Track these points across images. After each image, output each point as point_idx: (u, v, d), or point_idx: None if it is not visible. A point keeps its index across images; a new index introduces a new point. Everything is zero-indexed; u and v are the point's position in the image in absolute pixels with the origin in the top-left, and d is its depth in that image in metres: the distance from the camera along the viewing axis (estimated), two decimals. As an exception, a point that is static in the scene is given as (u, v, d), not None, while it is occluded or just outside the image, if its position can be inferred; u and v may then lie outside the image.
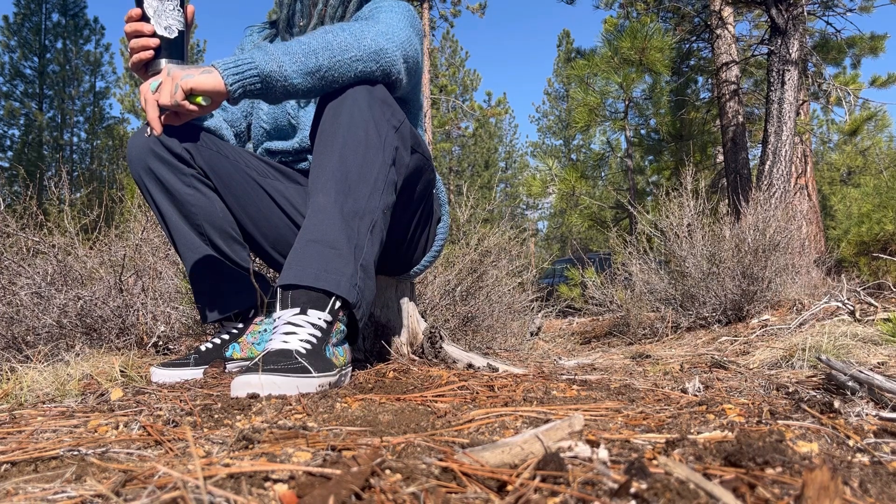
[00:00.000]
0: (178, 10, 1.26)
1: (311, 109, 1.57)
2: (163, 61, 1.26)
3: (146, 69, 1.26)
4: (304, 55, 1.16)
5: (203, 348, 1.48)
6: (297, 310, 1.11)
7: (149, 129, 1.21)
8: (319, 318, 1.12)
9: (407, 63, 1.30)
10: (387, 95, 1.25)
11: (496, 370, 1.53)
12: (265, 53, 1.15)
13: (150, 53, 1.24)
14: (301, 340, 1.08)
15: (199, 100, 1.13)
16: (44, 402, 1.05)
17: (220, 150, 1.51)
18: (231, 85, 1.12)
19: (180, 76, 1.11)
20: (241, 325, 1.55)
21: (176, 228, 1.47)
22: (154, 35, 1.24)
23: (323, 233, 1.14)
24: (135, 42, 1.22)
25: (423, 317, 1.83)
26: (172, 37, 1.26)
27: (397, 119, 1.25)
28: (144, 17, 1.24)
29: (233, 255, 1.52)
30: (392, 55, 1.25)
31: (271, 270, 2.19)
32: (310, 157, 1.57)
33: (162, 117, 1.17)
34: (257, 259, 1.84)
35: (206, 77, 1.11)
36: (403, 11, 1.37)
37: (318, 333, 1.11)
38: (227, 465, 0.55)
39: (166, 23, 1.26)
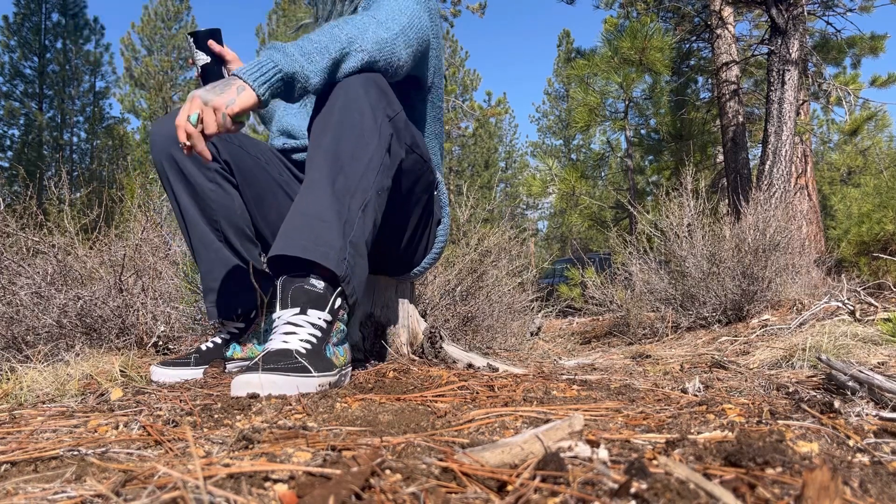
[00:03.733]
0: (192, 46, 1.45)
1: None
2: (198, 54, 1.45)
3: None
4: (319, 53, 1.16)
5: (203, 348, 1.48)
6: (297, 310, 1.11)
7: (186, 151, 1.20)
8: (319, 318, 1.12)
9: (410, 47, 1.31)
10: (384, 84, 1.25)
11: (496, 370, 1.53)
12: (284, 55, 1.14)
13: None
14: (301, 340, 1.08)
15: (243, 118, 1.14)
16: (44, 402, 1.05)
17: (243, 146, 1.52)
18: (263, 95, 1.12)
19: (223, 105, 1.09)
20: (241, 325, 1.55)
21: (192, 222, 1.47)
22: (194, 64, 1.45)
23: (312, 207, 1.14)
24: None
25: (423, 317, 1.83)
26: (198, 72, 1.45)
27: (392, 109, 1.26)
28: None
29: (245, 254, 1.52)
30: (393, 44, 1.26)
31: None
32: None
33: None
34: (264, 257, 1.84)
35: (245, 96, 1.10)
36: None
37: (318, 333, 1.11)
38: (227, 465, 0.55)
39: (193, 58, 1.46)
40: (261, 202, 1.53)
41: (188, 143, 1.11)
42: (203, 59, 1.44)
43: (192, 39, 1.44)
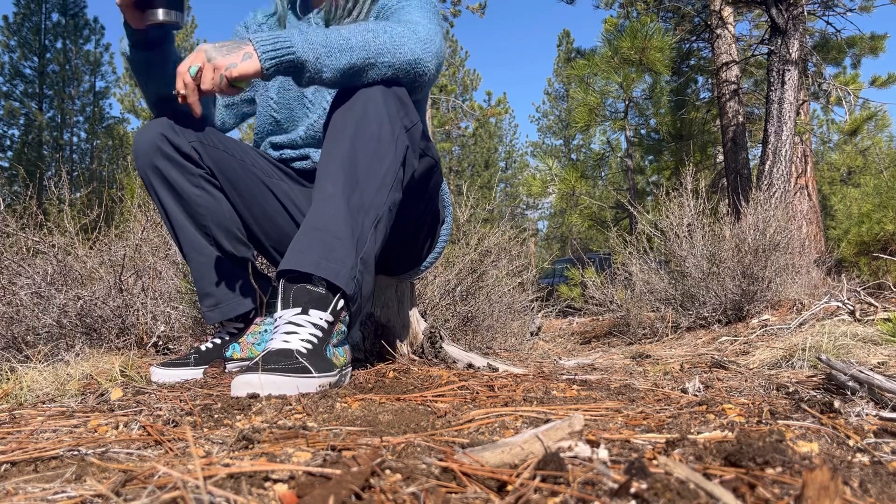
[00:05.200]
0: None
1: (323, 96, 1.56)
2: (160, 12, 1.26)
3: (137, 8, 1.27)
4: (340, 51, 1.15)
5: (203, 348, 1.48)
6: (299, 309, 1.11)
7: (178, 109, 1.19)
8: (321, 319, 1.11)
9: (436, 72, 1.30)
10: (404, 94, 1.24)
11: (496, 370, 1.53)
12: (305, 40, 1.13)
13: None
14: (302, 340, 1.08)
15: (242, 84, 1.14)
16: (44, 402, 1.05)
17: (227, 150, 1.50)
18: (268, 70, 1.11)
19: (224, 65, 1.10)
20: (241, 325, 1.55)
21: (181, 228, 1.46)
22: None
23: (327, 222, 1.13)
24: None
25: (423, 317, 1.83)
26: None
27: (410, 120, 1.25)
28: None
29: (237, 255, 1.52)
30: (426, 65, 1.24)
31: (274, 270, 2.18)
32: (312, 153, 1.57)
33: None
34: (260, 258, 1.84)
35: (249, 64, 1.10)
36: (432, 9, 1.36)
37: (320, 333, 1.10)
38: (227, 465, 0.55)
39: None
40: (249, 205, 1.52)
41: (183, 93, 1.13)
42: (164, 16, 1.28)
43: None
